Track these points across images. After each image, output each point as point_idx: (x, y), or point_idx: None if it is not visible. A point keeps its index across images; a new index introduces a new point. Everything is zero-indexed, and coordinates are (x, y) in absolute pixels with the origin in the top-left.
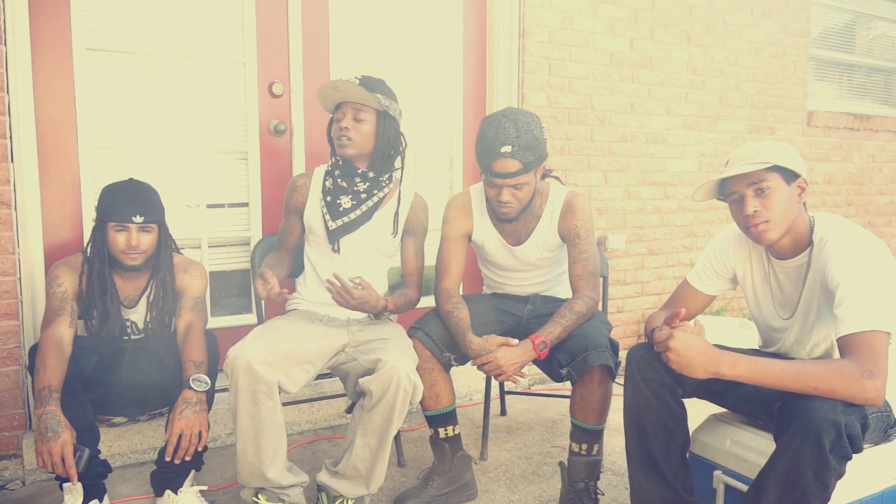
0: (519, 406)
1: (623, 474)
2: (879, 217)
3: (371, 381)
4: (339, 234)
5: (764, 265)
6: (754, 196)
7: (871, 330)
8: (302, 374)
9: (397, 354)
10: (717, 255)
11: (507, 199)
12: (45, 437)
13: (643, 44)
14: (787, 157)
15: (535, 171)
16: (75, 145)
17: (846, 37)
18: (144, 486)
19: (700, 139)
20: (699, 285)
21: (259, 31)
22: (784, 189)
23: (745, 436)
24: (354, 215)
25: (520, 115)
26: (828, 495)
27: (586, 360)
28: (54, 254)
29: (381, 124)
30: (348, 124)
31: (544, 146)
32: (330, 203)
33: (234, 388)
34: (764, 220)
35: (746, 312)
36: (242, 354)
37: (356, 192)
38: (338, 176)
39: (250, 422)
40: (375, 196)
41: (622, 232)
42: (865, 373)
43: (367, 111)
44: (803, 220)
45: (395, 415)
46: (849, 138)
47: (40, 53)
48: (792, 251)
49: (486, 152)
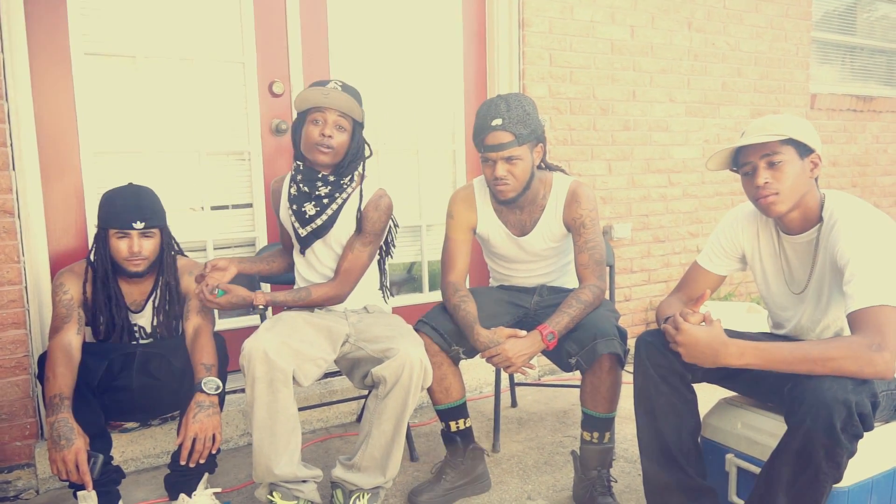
0: (529, 397)
1: (635, 461)
2: (885, 198)
3: (384, 368)
4: (309, 240)
5: (773, 241)
6: (766, 168)
7: (879, 305)
8: (314, 370)
9: (407, 341)
10: (725, 234)
11: (501, 173)
12: (58, 444)
13: (644, 31)
14: (803, 131)
15: (530, 148)
16: (77, 151)
17: (848, 19)
18: (158, 490)
19: (703, 125)
20: (709, 265)
21: (258, 31)
22: (797, 163)
23: (757, 418)
24: (321, 221)
25: (512, 95)
26: (840, 474)
27: (595, 349)
28: (60, 261)
29: (356, 135)
30: (331, 131)
31: (538, 124)
32: (296, 211)
33: (251, 378)
34: (774, 192)
35: (755, 297)
36: (259, 344)
37: (318, 198)
38: (300, 181)
39: (266, 412)
40: (338, 199)
41: (627, 220)
42: (874, 346)
43: (347, 121)
44: (814, 195)
45: (409, 398)
46: (852, 120)
47: (38, 60)
48: (801, 226)
49: (479, 129)
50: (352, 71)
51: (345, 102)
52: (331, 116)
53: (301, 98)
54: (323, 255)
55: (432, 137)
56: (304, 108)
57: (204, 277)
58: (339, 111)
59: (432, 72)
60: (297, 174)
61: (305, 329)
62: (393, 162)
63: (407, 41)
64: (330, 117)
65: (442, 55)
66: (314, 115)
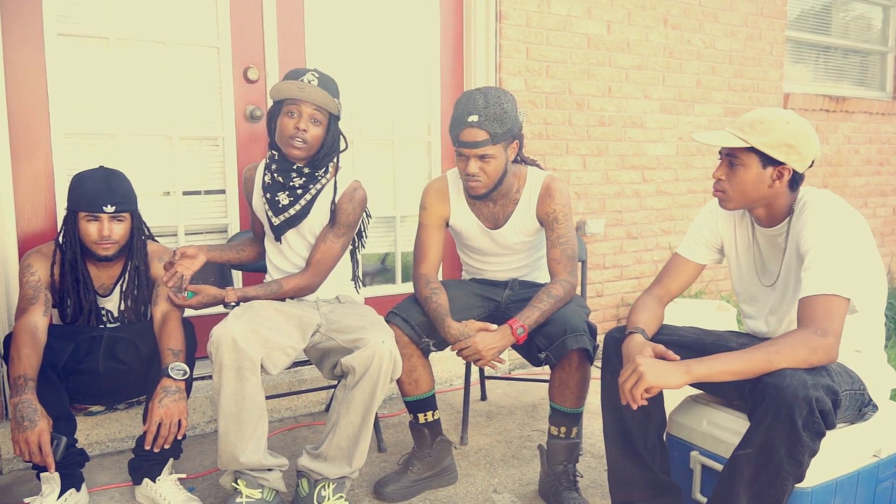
0: (499, 391)
1: (602, 457)
2: (855, 199)
3: (353, 358)
4: (282, 229)
5: (748, 232)
6: (726, 165)
7: (830, 294)
8: (283, 358)
9: (377, 332)
10: (706, 223)
11: (473, 170)
12: (21, 426)
13: (620, 27)
14: (780, 142)
15: (504, 146)
16: (48, 132)
17: (823, 18)
18: (122, 474)
19: (678, 122)
20: (689, 254)
21: (233, 16)
22: (755, 170)
23: (722, 417)
24: (294, 210)
25: (492, 90)
26: (802, 472)
27: (564, 344)
28: (28, 242)
29: (332, 127)
30: (305, 125)
31: (515, 122)
32: (270, 199)
33: (219, 365)
34: (721, 189)
35: (725, 295)
36: (227, 332)
37: (292, 189)
38: (274, 171)
39: (233, 400)
40: (312, 189)
41: (601, 216)
42: (819, 331)
43: (323, 114)
44: (782, 199)
45: (377, 389)
46: (825, 120)
47: (11, 39)
48: (769, 221)
49: (455, 122)
50: (328, 59)
51: (320, 97)
52: (306, 109)
53: (276, 89)
54: (296, 244)
55: (407, 128)
56: (279, 99)
57: (173, 265)
58: (315, 105)
59: (408, 62)
60: (272, 163)
61: (275, 317)
62: (368, 152)
63: (384, 31)
64: (305, 110)
65: (419, 46)
66: (289, 107)
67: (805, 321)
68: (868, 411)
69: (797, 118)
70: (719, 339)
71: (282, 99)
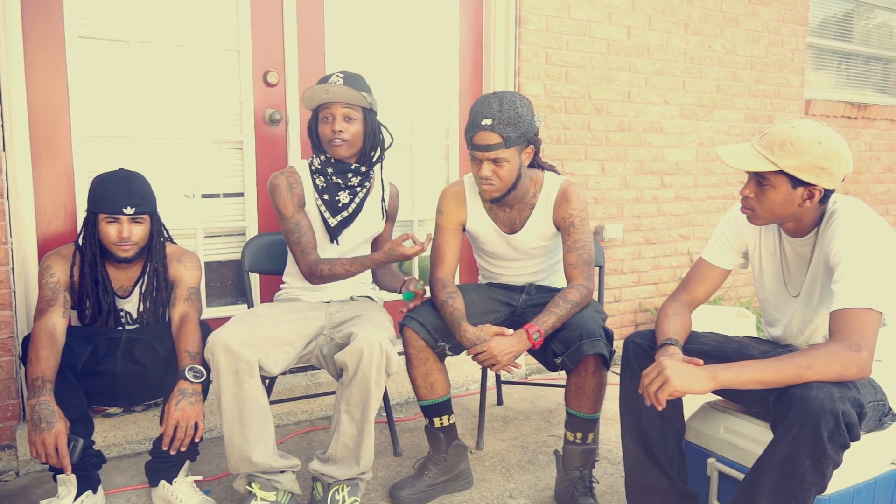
0: (515, 396)
1: (618, 463)
2: (877, 206)
3: (344, 354)
4: (339, 228)
5: (775, 240)
6: (754, 184)
7: (863, 307)
8: (282, 356)
9: (368, 326)
10: (731, 228)
11: (486, 174)
12: (38, 427)
13: (640, 32)
14: (812, 165)
15: (518, 150)
16: (68, 134)
17: (845, 25)
18: (139, 476)
19: (697, 128)
20: (714, 259)
21: (253, 20)
22: (784, 191)
23: (739, 424)
24: (352, 208)
25: (508, 94)
26: (825, 484)
27: (580, 350)
28: (48, 244)
29: (368, 121)
30: (340, 126)
31: (530, 126)
32: (328, 201)
33: (216, 370)
34: (749, 207)
35: (744, 301)
36: (220, 337)
37: (351, 187)
38: (331, 174)
39: (234, 403)
40: (366, 187)
41: (619, 221)
42: (853, 346)
43: (355, 110)
44: (811, 213)
45: (371, 385)
46: (846, 127)
47: (32, 42)
48: (796, 233)
49: (469, 126)
50: (347, 63)
51: (346, 94)
52: (337, 111)
53: (306, 96)
54: (351, 242)
55: (426, 132)
56: (311, 107)
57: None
58: (344, 103)
59: (428, 66)
60: (327, 167)
61: (278, 316)
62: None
63: (403, 35)
64: (337, 112)
65: (438, 50)
66: (323, 113)
67: (837, 335)
68: (888, 420)
69: (828, 136)
70: (741, 347)
71: (315, 107)
